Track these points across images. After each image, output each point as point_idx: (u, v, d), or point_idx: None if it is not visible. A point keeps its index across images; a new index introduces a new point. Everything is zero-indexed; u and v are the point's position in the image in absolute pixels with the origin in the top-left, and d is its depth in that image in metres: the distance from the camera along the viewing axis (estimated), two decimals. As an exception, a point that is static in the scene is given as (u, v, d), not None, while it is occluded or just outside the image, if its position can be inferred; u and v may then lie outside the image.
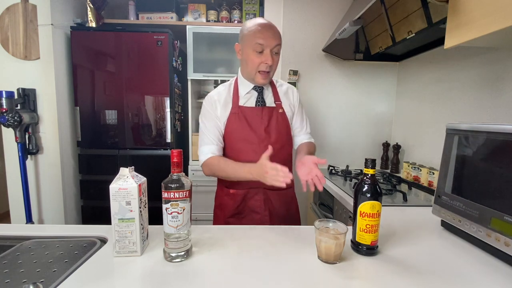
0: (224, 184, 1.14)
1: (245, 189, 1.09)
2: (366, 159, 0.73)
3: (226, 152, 1.12)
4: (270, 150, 0.90)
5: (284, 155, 1.11)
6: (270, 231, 0.87)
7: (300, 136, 1.22)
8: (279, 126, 1.10)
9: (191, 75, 2.12)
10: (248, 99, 1.11)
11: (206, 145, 1.08)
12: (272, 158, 1.02)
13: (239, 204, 1.10)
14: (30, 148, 1.87)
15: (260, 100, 1.10)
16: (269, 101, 1.12)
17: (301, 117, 1.21)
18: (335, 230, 0.72)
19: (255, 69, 1.03)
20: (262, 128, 1.07)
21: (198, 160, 2.32)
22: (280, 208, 1.13)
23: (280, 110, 1.12)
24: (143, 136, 2.04)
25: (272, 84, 1.16)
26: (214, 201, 1.20)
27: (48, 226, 1.53)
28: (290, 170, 1.14)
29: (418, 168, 1.56)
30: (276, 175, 0.85)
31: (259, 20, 1.04)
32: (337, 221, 0.74)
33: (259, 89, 1.11)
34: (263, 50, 1.01)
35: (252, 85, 1.10)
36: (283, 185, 0.84)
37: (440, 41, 1.43)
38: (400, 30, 1.49)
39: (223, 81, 2.34)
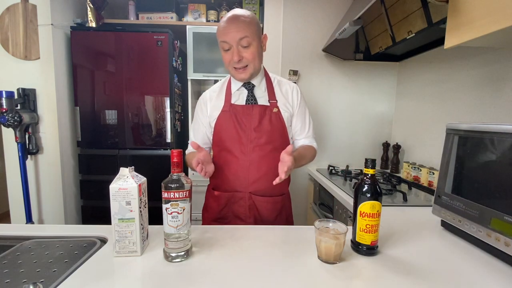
0: (211, 185, 1.12)
1: (229, 192, 1.05)
2: (366, 159, 0.73)
3: (215, 151, 1.10)
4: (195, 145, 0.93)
5: (277, 157, 1.00)
6: (271, 231, 0.87)
7: (301, 140, 1.14)
8: (272, 127, 1.03)
9: (191, 75, 2.12)
10: (238, 96, 1.06)
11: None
12: (263, 160, 1.03)
13: (222, 208, 1.06)
14: (30, 148, 1.86)
15: (251, 98, 1.04)
16: (263, 99, 1.06)
17: (302, 118, 1.12)
18: (335, 230, 0.72)
19: (229, 66, 0.99)
20: (252, 127, 1.02)
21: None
22: (268, 216, 1.05)
23: (275, 110, 1.04)
24: (143, 136, 2.04)
25: (268, 81, 1.08)
26: (204, 203, 1.17)
27: (48, 226, 1.53)
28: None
29: (418, 168, 1.56)
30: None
31: (227, 14, 0.97)
32: (337, 221, 0.74)
33: (250, 86, 1.05)
34: (230, 48, 0.95)
35: (242, 82, 1.05)
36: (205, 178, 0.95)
37: (440, 41, 1.43)
38: (400, 30, 1.49)
39: (223, 81, 2.36)
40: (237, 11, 0.97)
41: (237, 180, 1.04)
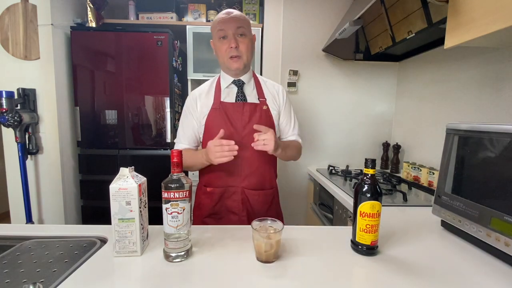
0: (202, 182, 1.12)
1: (222, 187, 1.07)
2: (366, 159, 0.73)
3: None
4: (221, 133, 0.93)
5: (267, 154, 1.02)
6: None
7: (287, 138, 1.18)
8: (262, 124, 1.01)
9: (191, 75, 2.12)
10: (228, 94, 1.08)
11: (179, 143, 1.13)
12: (255, 156, 1.05)
13: (215, 204, 1.07)
14: (30, 148, 1.86)
15: (241, 95, 1.07)
16: (252, 97, 1.09)
17: (288, 117, 1.16)
18: (274, 229, 0.72)
19: (225, 56, 1.02)
20: (243, 124, 1.04)
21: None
22: (260, 209, 1.08)
23: (264, 107, 1.08)
24: (143, 136, 2.04)
25: (256, 80, 1.13)
26: (194, 202, 1.17)
27: (48, 226, 1.53)
28: (275, 168, 1.16)
29: (418, 168, 1.56)
30: (221, 150, 0.88)
31: (222, 11, 1.05)
32: (278, 221, 0.73)
33: (239, 84, 1.08)
34: (226, 36, 1.01)
35: (232, 79, 1.08)
36: (231, 158, 0.89)
37: (440, 41, 1.43)
38: (400, 30, 1.49)
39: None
40: (230, 10, 1.05)
41: (230, 176, 1.06)
